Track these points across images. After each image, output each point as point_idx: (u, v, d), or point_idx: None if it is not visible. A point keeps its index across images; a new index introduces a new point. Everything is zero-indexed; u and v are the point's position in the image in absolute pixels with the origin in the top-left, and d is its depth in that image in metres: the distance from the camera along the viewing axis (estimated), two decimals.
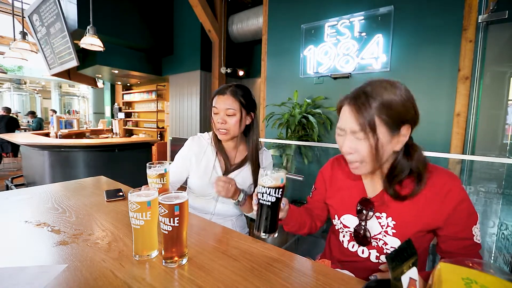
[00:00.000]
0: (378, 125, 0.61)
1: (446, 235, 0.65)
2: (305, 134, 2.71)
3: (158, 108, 6.34)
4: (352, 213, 0.75)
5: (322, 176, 0.89)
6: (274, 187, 0.65)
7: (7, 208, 0.93)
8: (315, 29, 2.85)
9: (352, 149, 0.65)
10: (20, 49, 3.42)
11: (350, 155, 0.66)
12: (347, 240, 0.78)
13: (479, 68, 2.01)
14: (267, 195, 0.65)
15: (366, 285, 0.50)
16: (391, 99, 0.61)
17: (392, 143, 0.64)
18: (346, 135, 0.66)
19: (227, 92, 1.00)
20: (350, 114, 0.64)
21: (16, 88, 9.91)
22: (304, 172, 2.73)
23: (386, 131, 0.62)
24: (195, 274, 0.58)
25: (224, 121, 1.00)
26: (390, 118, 0.61)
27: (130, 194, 0.62)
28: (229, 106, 0.99)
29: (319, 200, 0.89)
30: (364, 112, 0.61)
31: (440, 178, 0.65)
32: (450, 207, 0.63)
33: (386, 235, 0.69)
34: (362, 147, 0.63)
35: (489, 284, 0.36)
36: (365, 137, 0.62)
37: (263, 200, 0.66)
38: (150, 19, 4.39)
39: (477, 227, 0.64)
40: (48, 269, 0.57)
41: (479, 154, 2.05)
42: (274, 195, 0.65)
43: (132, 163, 3.44)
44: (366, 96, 0.62)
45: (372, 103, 0.61)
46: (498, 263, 1.53)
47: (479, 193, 1.69)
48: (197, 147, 1.09)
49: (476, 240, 0.64)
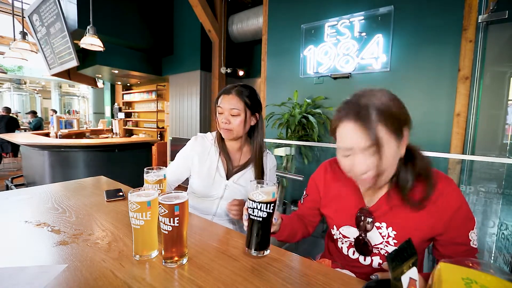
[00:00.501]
0: (386, 134, 0.58)
1: (444, 240, 0.65)
2: (305, 134, 2.71)
3: (158, 108, 6.34)
4: (351, 224, 0.73)
5: (314, 182, 0.85)
6: (266, 202, 0.61)
7: (7, 208, 0.93)
8: (315, 29, 2.85)
9: (368, 167, 0.60)
10: (20, 49, 3.42)
11: (366, 174, 0.61)
12: (346, 247, 0.77)
13: (479, 68, 2.01)
14: (258, 210, 0.61)
15: (366, 285, 0.50)
16: (388, 105, 0.60)
17: (400, 149, 0.63)
18: (355, 155, 0.61)
19: (232, 92, 0.99)
20: (355, 131, 0.59)
21: (16, 88, 9.91)
22: (304, 172, 2.73)
23: (394, 138, 0.60)
24: (195, 274, 0.58)
25: (228, 121, 0.99)
26: (393, 124, 0.59)
27: (130, 194, 0.62)
28: (233, 106, 0.98)
29: (311, 207, 0.86)
30: (370, 124, 0.58)
31: (437, 183, 0.64)
32: (448, 213, 0.63)
33: (388, 245, 0.68)
34: (377, 162, 0.59)
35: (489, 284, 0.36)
36: (376, 150, 0.58)
37: (253, 216, 0.62)
38: (150, 19, 4.39)
39: (474, 232, 0.64)
40: (48, 269, 0.57)
41: (479, 154, 2.05)
42: (266, 210, 0.61)
43: (132, 163, 3.44)
44: (366, 108, 0.59)
45: (374, 114, 0.58)
46: (498, 263, 1.53)
47: (479, 193, 1.69)
48: (200, 147, 1.08)
49: (472, 245, 0.64)
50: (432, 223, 0.64)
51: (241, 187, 1.05)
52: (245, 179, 1.05)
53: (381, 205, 0.69)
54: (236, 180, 1.05)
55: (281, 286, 0.54)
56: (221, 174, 1.04)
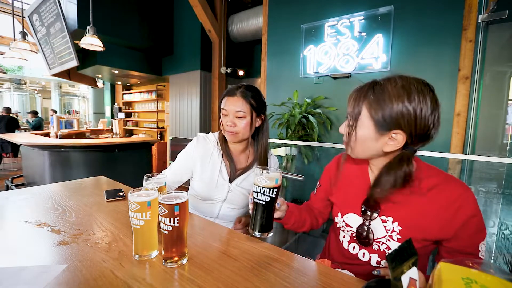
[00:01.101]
0: (365, 117, 0.64)
1: (452, 247, 0.64)
2: (305, 134, 2.71)
3: (158, 108, 6.34)
4: (356, 212, 0.74)
5: (328, 172, 0.88)
6: (269, 187, 0.65)
7: (7, 208, 0.93)
8: (315, 29, 2.85)
9: (342, 131, 0.71)
10: (20, 49, 3.42)
11: (344, 137, 0.72)
12: (347, 241, 0.77)
13: (479, 68, 2.01)
14: (261, 194, 0.65)
15: (366, 285, 0.50)
16: (389, 100, 0.60)
17: (380, 142, 0.65)
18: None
19: (237, 93, 0.96)
20: (350, 99, 0.69)
21: (16, 88, 9.91)
22: (304, 172, 2.73)
23: (372, 126, 0.64)
24: (195, 274, 0.58)
25: (234, 123, 0.95)
26: (379, 116, 0.62)
27: (130, 194, 0.62)
28: (239, 108, 0.94)
29: (322, 197, 0.88)
30: (358, 100, 0.65)
31: (454, 189, 0.63)
32: (460, 221, 0.61)
33: (391, 240, 0.67)
34: (346, 133, 0.69)
35: (489, 284, 0.36)
36: (349, 123, 0.68)
37: (257, 199, 0.66)
38: (150, 19, 4.39)
39: (484, 243, 0.63)
40: (48, 269, 0.57)
41: (479, 154, 2.05)
42: (269, 194, 0.65)
43: (132, 163, 3.44)
44: (370, 87, 0.65)
45: (370, 95, 0.63)
46: (498, 263, 1.53)
47: (479, 193, 1.69)
48: (202, 149, 1.05)
49: (481, 256, 0.63)
50: (441, 226, 0.63)
51: (244, 190, 1.03)
52: (248, 182, 1.04)
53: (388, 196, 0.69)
54: (239, 183, 1.03)
55: (281, 286, 0.54)
56: (224, 177, 1.02)
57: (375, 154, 0.68)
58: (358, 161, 0.79)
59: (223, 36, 4.29)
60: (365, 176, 0.76)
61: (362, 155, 0.70)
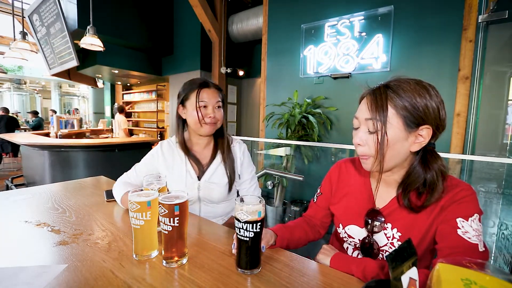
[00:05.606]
0: (393, 116, 0.60)
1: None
2: (305, 134, 2.71)
3: (158, 108, 6.34)
4: (358, 224, 0.71)
5: (329, 180, 0.84)
6: (251, 222, 0.59)
7: (7, 208, 0.93)
8: (315, 29, 2.85)
9: (363, 141, 0.64)
10: (20, 49, 3.42)
11: (362, 148, 0.65)
12: (352, 249, 0.76)
13: (479, 68, 2.01)
14: (244, 230, 0.59)
15: (366, 285, 0.50)
16: (411, 95, 0.59)
17: (409, 141, 0.61)
18: (360, 127, 0.65)
19: (210, 85, 1.00)
20: (365, 102, 0.64)
21: (16, 88, 9.92)
22: (304, 172, 2.73)
23: (402, 125, 0.60)
24: (195, 274, 0.58)
25: (214, 114, 0.98)
26: (407, 111, 0.59)
27: (130, 194, 0.62)
28: (219, 98, 1.00)
29: (323, 206, 0.84)
30: (380, 101, 0.60)
31: (455, 191, 0.61)
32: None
33: (392, 247, 0.67)
34: (376, 140, 0.61)
35: (488, 284, 0.36)
36: (375, 126, 0.61)
37: (240, 235, 0.60)
38: (150, 19, 4.39)
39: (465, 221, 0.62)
40: (48, 269, 0.57)
41: (479, 154, 2.05)
42: (252, 230, 0.59)
43: (132, 163, 3.42)
44: (386, 87, 0.62)
45: (390, 93, 0.60)
46: (498, 263, 1.53)
47: (479, 193, 1.69)
48: (167, 152, 1.06)
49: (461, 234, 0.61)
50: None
51: (215, 184, 1.01)
52: (218, 175, 1.03)
53: (391, 206, 0.68)
54: (208, 178, 1.02)
55: (281, 286, 0.54)
56: (192, 176, 1.02)
57: (402, 158, 0.63)
58: (359, 171, 0.76)
59: (223, 36, 4.29)
60: (367, 187, 0.73)
61: (391, 163, 0.64)
